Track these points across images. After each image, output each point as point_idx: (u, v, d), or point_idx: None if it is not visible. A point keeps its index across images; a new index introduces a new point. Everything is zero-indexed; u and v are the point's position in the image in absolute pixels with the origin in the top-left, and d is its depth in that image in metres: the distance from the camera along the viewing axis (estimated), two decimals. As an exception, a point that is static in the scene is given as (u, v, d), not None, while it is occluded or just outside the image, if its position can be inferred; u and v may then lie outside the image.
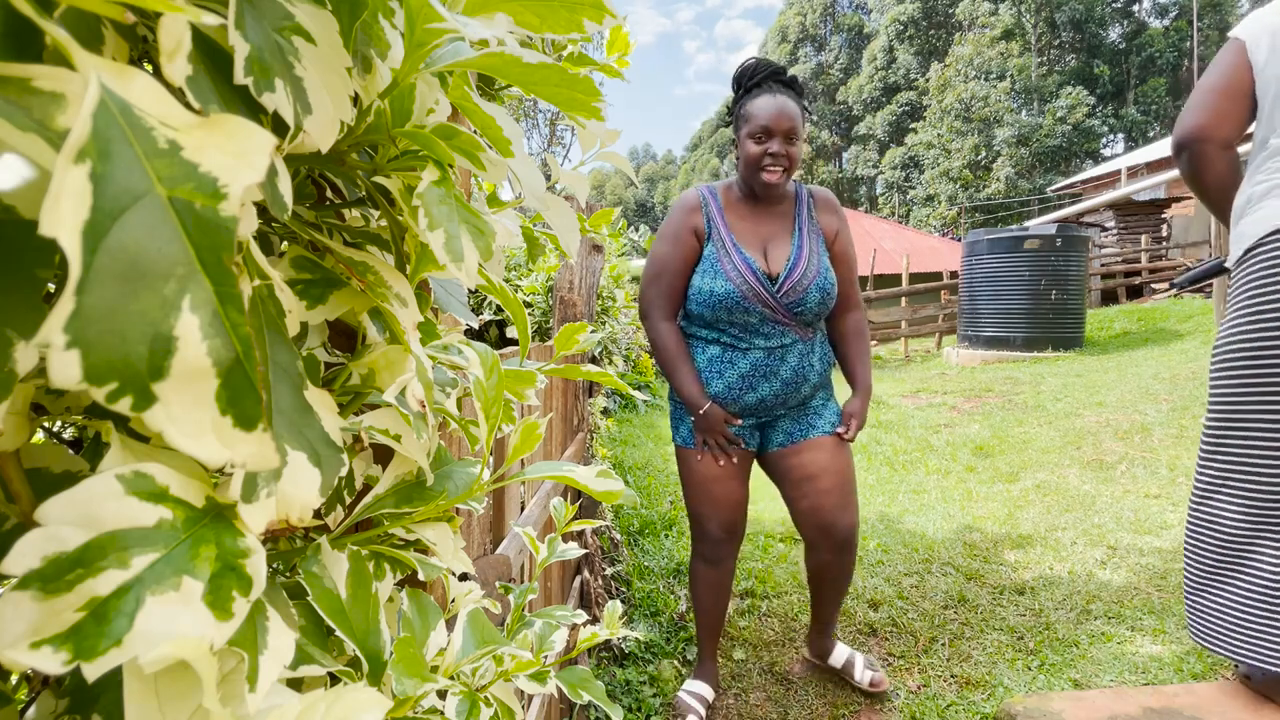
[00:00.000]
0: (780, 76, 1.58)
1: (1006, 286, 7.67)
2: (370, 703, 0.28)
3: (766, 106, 1.52)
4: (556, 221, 0.45)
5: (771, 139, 1.52)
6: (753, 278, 1.55)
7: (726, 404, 1.64)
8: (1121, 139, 35.20)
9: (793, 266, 1.57)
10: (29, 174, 0.18)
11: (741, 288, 1.55)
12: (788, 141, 1.52)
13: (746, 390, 1.61)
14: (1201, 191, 1.54)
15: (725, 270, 1.56)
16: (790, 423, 1.68)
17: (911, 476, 3.95)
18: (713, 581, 1.79)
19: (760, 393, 1.61)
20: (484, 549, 0.89)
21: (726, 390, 1.62)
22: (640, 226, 6.96)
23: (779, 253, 1.60)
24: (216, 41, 0.24)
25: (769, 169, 1.54)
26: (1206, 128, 1.46)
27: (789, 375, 1.61)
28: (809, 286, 1.57)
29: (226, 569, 0.21)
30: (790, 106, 1.52)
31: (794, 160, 1.54)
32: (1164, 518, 2.98)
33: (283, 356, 0.27)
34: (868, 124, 40.63)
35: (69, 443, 0.37)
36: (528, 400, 0.56)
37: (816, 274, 1.58)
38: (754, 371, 1.60)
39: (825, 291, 1.59)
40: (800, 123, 1.54)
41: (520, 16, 0.35)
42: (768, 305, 1.56)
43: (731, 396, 1.62)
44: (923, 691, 1.86)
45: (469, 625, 0.47)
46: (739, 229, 1.62)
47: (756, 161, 1.54)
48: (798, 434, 1.67)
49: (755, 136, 1.53)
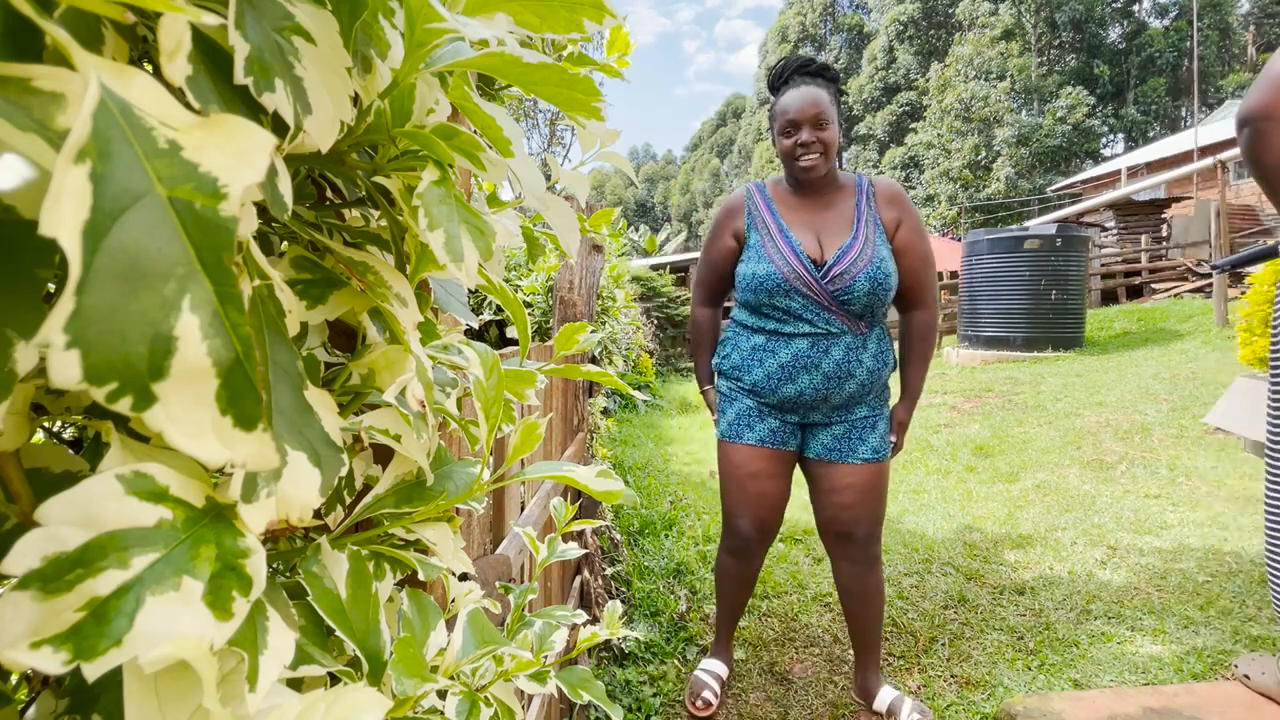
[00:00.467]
0: (807, 68, 1.58)
1: (1006, 286, 7.66)
2: (370, 703, 0.28)
3: (791, 100, 1.53)
4: (556, 221, 0.45)
5: (799, 129, 1.53)
6: (797, 262, 1.54)
7: (764, 394, 1.62)
8: (1121, 139, 35.20)
9: (843, 253, 1.53)
10: (29, 174, 0.18)
11: (784, 270, 1.54)
12: (816, 127, 1.52)
13: (785, 381, 1.58)
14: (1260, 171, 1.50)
15: (769, 254, 1.57)
16: (833, 437, 1.64)
17: (911, 476, 3.95)
18: (737, 575, 1.80)
19: (799, 385, 1.58)
20: (484, 549, 0.89)
21: (765, 379, 1.60)
22: (640, 226, 6.97)
23: (833, 240, 1.57)
24: (216, 41, 0.24)
25: (803, 158, 1.54)
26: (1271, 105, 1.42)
27: (831, 369, 1.56)
28: (858, 274, 1.51)
29: (226, 569, 0.21)
30: (815, 93, 1.52)
31: (828, 144, 1.53)
32: (1164, 518, 2.98)
33: (283, 356, 0.27)
34: (868, 124, 40.61)
35: (69, 443, 0.37)
36: (528, 400, 0.56)
37: (869, 263, 1.52)
38: (794, 362, 1.57)
39: (877, 281, 1.52)
40: (829, 106, 1.53)
41: (520, 16, 0.35)
42: (811, 291, 1.53)
43: (770, 387, 1.61)
44: (923, 691, 1.86)
45: (469, 625, 0.47)
46: (791, 218, 1.61)
47: (790, 154, 1.56)
48: (839, 453, 1.63)
49: (784, 131, 1.56)
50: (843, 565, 1.71)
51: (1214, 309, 7.44)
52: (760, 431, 1.65)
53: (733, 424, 1.69)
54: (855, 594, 1.73)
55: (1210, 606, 2.21)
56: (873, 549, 1.69)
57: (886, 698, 1.75)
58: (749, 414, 1.66)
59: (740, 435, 1.67)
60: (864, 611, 1.75)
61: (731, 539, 1.76)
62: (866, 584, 1.71)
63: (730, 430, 1.69)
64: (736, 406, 1.68)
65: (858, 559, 1.68)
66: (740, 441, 1.67)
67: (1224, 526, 2.83)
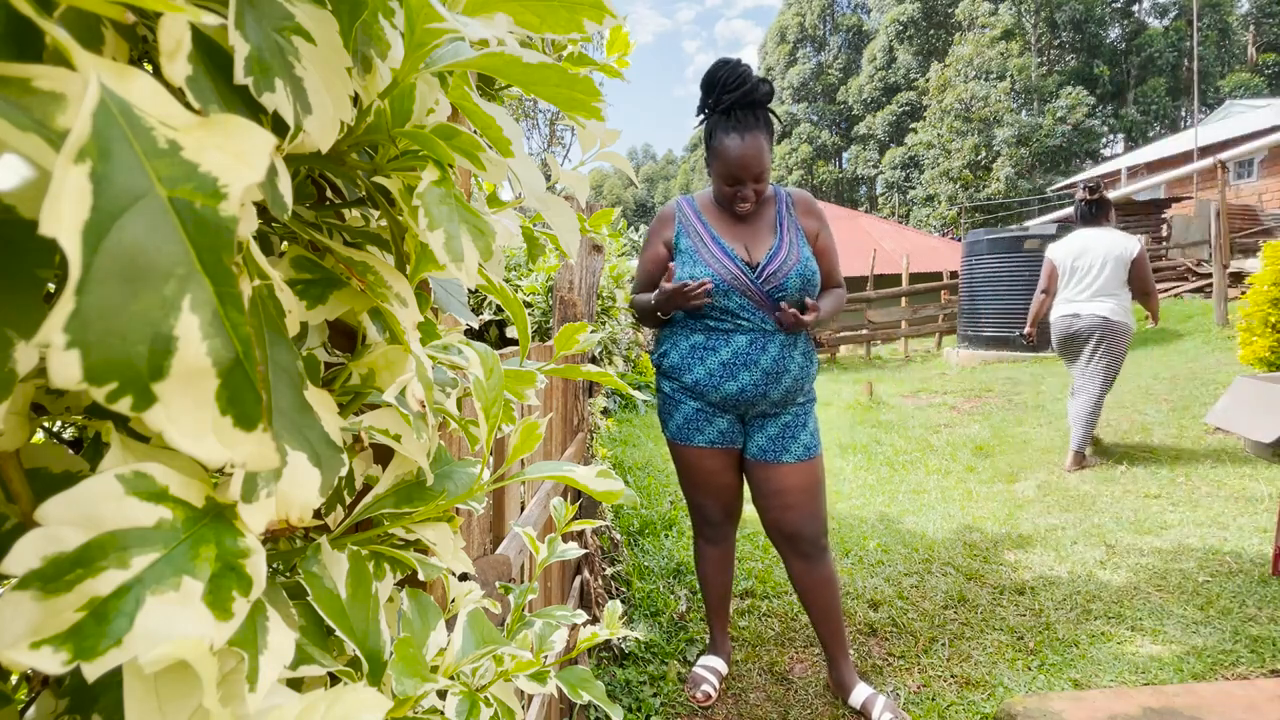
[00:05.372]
0: (750, 98, 1.56)
1: (1006, 286, 7.67)
2: (370, 703, 0.28)
3: (734, 150, 1.57)
4: (556, 221, 0.45)
5: (741, 184, 1.61)
6: (731, 264, 1.63)
7: (707, 393, 1.69)
8: (1121, 139, 35.19)
9: (773, 255, 1.65)
10: (29, 174, 0.18)
11: (720, 272, 1.63)
12: (756, 180, 1.61)
13: (727, 378, 1.66)
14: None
15: (704, 258, 1.65)
16: (767, 438, 1.72)
17: (911, 476, 3.94)
18: (716, 558, 1.92)
19: (740, 381, 1.65)
20: (484, 549, 0.89)
21: (708, 377, 1.67)
22: (640, 226, 6.97)
23: (760, 246, 1.67)
24: (216, 41, 0.24)
25: (740, 205, 1.65)
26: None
27: (769, 365, 1.64)
28: (789, 273, 1.63)
29: (226, 569, 0.21)
30: (757, 149, 1.56)
31: (762, 192, 1.65)
32: (1164, 518, 2.98)
33: (283, 356, 0.27)
34: (868, 124, 40.61)
35: (69, 443, 0.37)
36: (528, 400, 0.56)
37: (797, 261, 1.64)
38: (735, 359, 1.65)
39: (805, 278, 1.64)
40: (767, 153, 1.60)
41: (520, 16, 0.35)
42: (748, 291, 1.63)
43: (712, 384, 1.67)
44: (923, 691, 1.86)
45: (469, 625, 0.47)
46: (720, 227, 1.70)
47: (730, 200, 1.66)
48: (772, 453, 1.71)
49: (726, 180, 1.62)
50: (795, 563, 1.78)
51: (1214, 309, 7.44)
52: (710, 434, 1.73)
53: (682, 427, 1.76)
54: (810, 588, 1.79)
55: (1210, 606, 2.21)
56: (820, 541, 1.75)
57: (861, 695, 1.79)
58: (697, 417, 1.73)
59: (690, 438, 1.75)
60: (821, 602, 1.80)
61: (704, 527, 1.89)
62: (820, 575, 1.77)
63: (680, 433, 1.76)
64: (684, 410, 1.74)
65: (808, 554, 1.75)
66: (691, 444, 1.75)
67: (1224, 526, 2.83)
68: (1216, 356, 6.14)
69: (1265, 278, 4.52)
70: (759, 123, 1.58)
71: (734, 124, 1.58)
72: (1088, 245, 3.64)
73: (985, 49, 30.50)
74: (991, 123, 29.57)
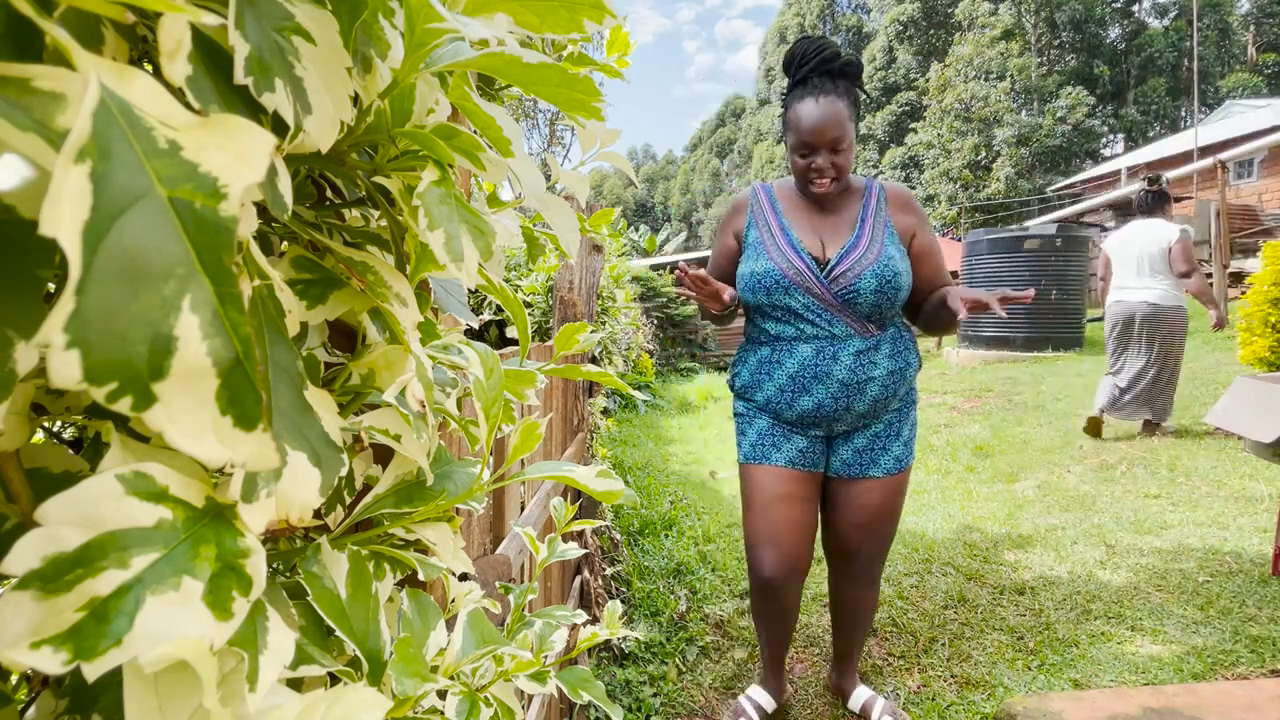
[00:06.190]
0: (829, 66, 1.43)
1: (1007, 286, 7.65)
2: (370, 703, 0.28)
3: (809, 116, 1.41)
4: (556, 221, 0.45)
5: (815, 153, 1.43)
6: (796, 258, 1.46)
7: (781, 411, 1.51)
8: (1121, 139, 35.20)
9: (846, 252, 1.46)
10: (29, 174, 0.18)
11: (783, 266, 1.46)
12: (833, 152, 1.42)
13: (799, 393, 1.48)
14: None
15: (769, 251, 1.49)
16: (853, 451, 1.53)
17: (912, 476, 3.93)
18: (772, 615, 1.63)
19: (816, 396, 1.47)
20: (484, 549, 0.89)
21: (779, 394, 1.50)
22: (640, 226, 6.97)
23: (836, 241, 1.49)
24: (216, 41, 0.24)
25: (816, 182, 1.46)
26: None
27: (845, 376, 1.45)
28: (864, 273, 1.43)
29: (226, 569, 0.21)
30: (834, 112, 1.40)
31: (843, 169, 1.44)
32: (1164, 518, 2.98)
33: (283, 356, 0.27)
34: (868, 124, 40.62)
35: (69, 443, 0.37)
36: (528, 400, 0.56)
37: (875, 260, 1.44)
38: (803, 372, 1.47)
39: (884, 280, 1.43)
40: (848, 124, 1.42)
41: (520, 16, 0.35)
42: (813, 289, 1.45)
43: (785, 401, 1.50)
44: (923, 691, 1.86)
45: (469, 625, 0.47)
46: (794, 217, 1.53)
47: (803, 175, 1.47)
48: (859, 467, 1.53)
49: (799, 150, 1.45)
50: (841, 581, 1.66)
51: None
52: (788, 451, 1.52)
53: (755, 445, 1.55)
54: (847, 607, 1.68)
55: (1210, 606, 2.21)
56: (874, 569, 1.62)
57: (861, 697, 1.76)
58: (772, 432, 1.53)
59: (766, 456, 1.53)
60: (852, 622, 1.70)
61: (755, 576, 1.56)
62: (862, 600, 1.66)
63: (754, 452, 1.55)
64: (757, 425, 1.56)
65: (858, 577, 1.62)
66: (767, 463, 1.53)
67: (1224, 526, 2.83)
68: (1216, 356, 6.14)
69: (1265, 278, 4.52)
70: (838, 89, 1.42)
71: (809, 90, 1.42)
72: (1135, 236, 4.01)
73: (985, 49, 30.49)
74: (991, 123, 29.57)
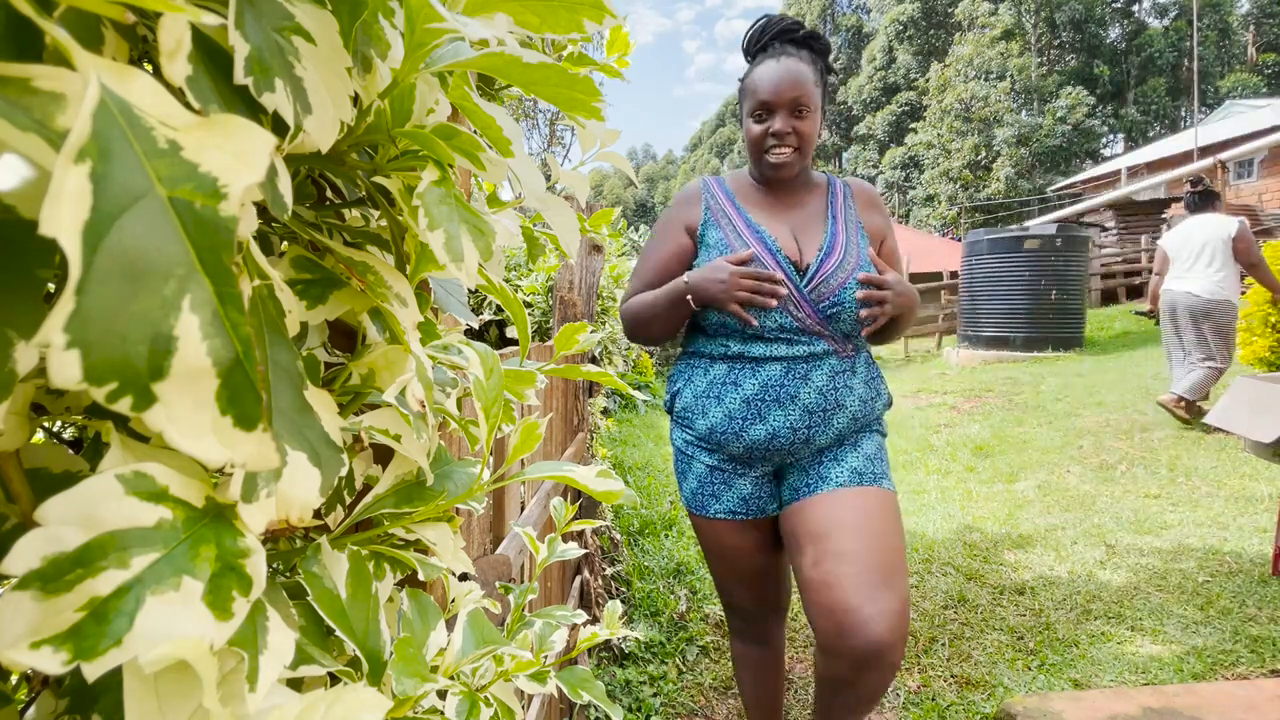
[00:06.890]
0: (791, 35, 1.25)
1: (1006, 286, 7.67)
2: (370, 703, 0.28)
3: (768, 76, 1.20)
4: (556, 221, 0.45)
5: (773, 115, 1.21)
6: (773, 262, 1.21)
7: (725, 443, 1.23)
8: (1121, 139, 35.22)
9: (825, 255, 1.21)
10: (29, 174, 0.18)
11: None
12: (794, 114, 1.20)
13: (752, 421, 1.19)
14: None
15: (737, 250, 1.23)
16: (798, 472, 1.24)
17: (911, 476, 3.94)
18: (755, 661, 1.42)
19: (771, 424, 1.18)
20: (484, 549, 0.89)
21: (726, 422, 1.21)
22: (640, 226, 6.97)
23: (810, 240, 1.25)
24: (216, 41, 0.24)
25: (774, 151, 1.22)
26: None
27: (813, 400, 1.18)
28: (847, 281, 1.19)
29: (226, 569, 0.21)
30: (798, 71, 1.19)
31: (805, 137, 1.21)
32: (1164, 518, 2.98)
33: (283, 356, 0.27)
34: (867, 124, 40.63)
35: (69, 443, 0.37)
36: (528, 400, 0.56)
37: (856, 266, 1.21)
38: (763, 394, 1.19)
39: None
40: (813, 88, 1.20)
41: (520, 16, 0.35)
42: (792, 301, 1.19)
43: (732, 431, 1.21)
44: (923, 691, 1.86)
45: (469, 625, 0.47)
46: (758, 214, 1.28)
47: (759, 143, 1.23)
48: (805, 488, 1.21)
49: (755, 114, 1.23)
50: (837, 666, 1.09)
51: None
52: (729, 501, 1.26)
53: (695, 493, 1.30)
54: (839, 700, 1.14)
55: (1210, 606, 2.21)
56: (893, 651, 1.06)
57: None
58: (711, 479, 1.27)
59: (706, 507, 1.28)
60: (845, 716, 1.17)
61: (735, 619, 1.42)
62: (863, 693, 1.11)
63: (694, 500, 1.31)
64: (695, 470, 1.29)
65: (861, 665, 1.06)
66: (707, 515, 1.29)
67: (1224, 526, 2.83)
68: (1216, 356, 6.14)
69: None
70: (802, 56, 1.22)
71: (770, 54, 1.23)
72: (1191, 232, 4.25)
73: (985, 49, 30.50)
74: (991, 123, 29.58)
